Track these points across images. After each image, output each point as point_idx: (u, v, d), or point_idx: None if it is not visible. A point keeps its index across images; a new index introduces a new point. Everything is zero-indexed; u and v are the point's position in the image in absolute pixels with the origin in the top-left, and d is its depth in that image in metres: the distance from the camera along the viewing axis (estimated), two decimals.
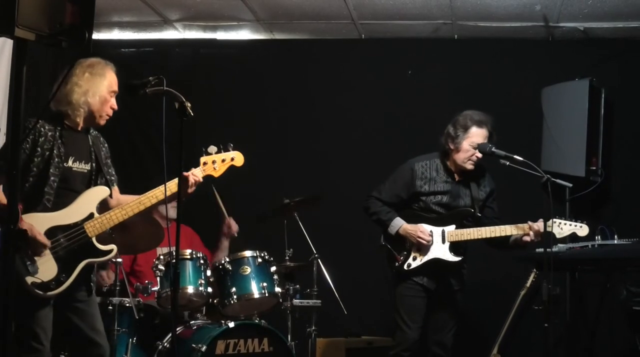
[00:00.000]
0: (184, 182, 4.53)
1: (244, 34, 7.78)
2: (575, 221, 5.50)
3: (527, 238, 5.49)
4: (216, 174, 4.81)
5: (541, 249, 5.34)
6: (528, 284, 6.50)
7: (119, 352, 5.46)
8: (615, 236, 5.73)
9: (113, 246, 4.51)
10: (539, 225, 5.41)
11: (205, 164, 4.75)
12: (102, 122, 4.61)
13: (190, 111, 4.00)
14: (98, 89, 4.49)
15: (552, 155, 6.78)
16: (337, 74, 7.66)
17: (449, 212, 5.62)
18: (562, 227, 5.44)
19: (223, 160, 4.81)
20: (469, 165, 5.60)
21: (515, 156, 5.36)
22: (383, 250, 5.73)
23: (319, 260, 6.09)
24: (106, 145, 4.77)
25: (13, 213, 3.01)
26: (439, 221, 5.60)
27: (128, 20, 7.51)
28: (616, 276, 6.44)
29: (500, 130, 6.73)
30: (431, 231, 5.56)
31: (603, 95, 6.82)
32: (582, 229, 5.48)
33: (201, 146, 4.78)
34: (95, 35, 3.19)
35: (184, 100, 4.01)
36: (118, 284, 5.46)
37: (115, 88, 4.55)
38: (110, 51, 7.32)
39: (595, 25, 7.09)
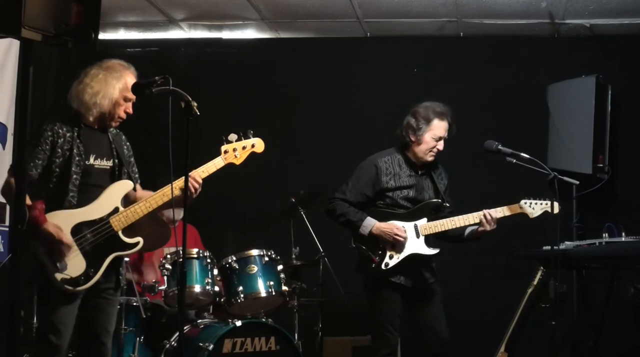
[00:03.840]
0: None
1: (249, 33, 7.79)
2: (544, 200, 5.44)
3: (482, 228, 5.39)
4: (237, 162, 4.77)
5: (548, 247, 5.33)
6: (535, 282, 6.50)
7: (127, 351, 5.48)
8: (623, 233, 5.72)
9: (139, 239, 4.53)
10: (493, 212, 5.37)
11: (226, 152, 4.72)
12: (114, 124, 4.62)
13: (197, 110, 4.00)
14: (109, 91, 4.48)
15: (559, 153, 6.77)
16: (343, 73, 7.66)
17: (417, 207, 5.49)
18: (534, 207, 5.39)
19: (244, 148, 4.78)
20: (429, 158, 5.52)
21: (522, 154, 5.32)
22: (356, 252, 5.53)
23: (325, 258, 6.09)
24: (128, 143, 4.79)
25: (20, 213, 3.02)
26: (408, 216, 5.47)
27: (133, 20, 7.52)
28: (623, 273, 6.44)
29: (506, 128, 6.76)
30: (403, 227, 5.44)
31: (609, 92, 6.80)
32: (554, 207, 5.42)
33: (206, 144, 4.77)
34: (101, 35, 3.20)
35: (190, 99, 4.01)
36: (125, 283, 5.47)
37: (130, 93, 4.49)
38: (116, 51, 7.31)
39: (601, 22, 7.08)
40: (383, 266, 5.40)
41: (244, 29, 7.69)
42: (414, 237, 5.44)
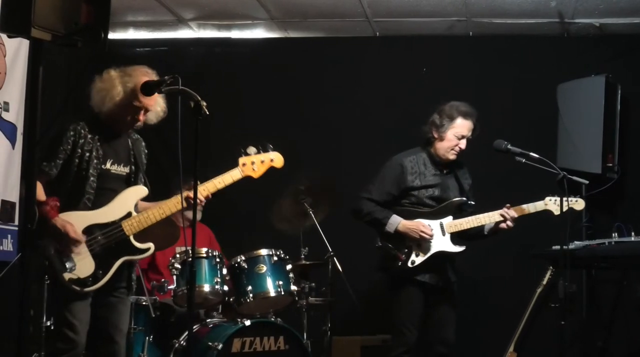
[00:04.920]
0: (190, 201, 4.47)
1: (259, 33, 7.79)
2: (570, 196, 5.44)
3: (503, 225, 5.47)
4: (255, 175, 4.78)
5: (558, 247, 5.32)
6: (544, 282, 6.48)
7: (136, 350, 5.48)
8: (632, 233, 5.71)
9: (150, 244, 4.55)
10: (517, 209, 5.43)
11: (244, 165, 4.72)
12: (124, 130, 4.59)
13: (206, 110, 4.00)
14: (112, 93, 4.45)
15: (568, 152, 6.76)
16: (352, 72, 7.65)
17: (442, 205, 5.53)
18: (559, 204, 5.40)
19: (262, 161, 4.78)
20: (451, 156, 5.56)
21: (531, 153, 5.32)
22: (381, 252, 5.58)
23: (334, 258, 6.08)
24: (146, 151, 4.78)
25: (30, 213, 3.02)
26: (434, 214, 5.52)
27: (143, 20, 7.53)
28: (633, 273, 6.42)
29: (515, 127, 6.74)
30: (429, 225, 5.48)
31: (619, 92, 6.79)
32: (578, 203, 5.45)
33: (213, 145, 4.77)
34: (110, 35, 3.20)
35: (199, 99, 4.00)
36: (135, 282, 5.48)
37: (137, 100, 4.46)
38: (125, 51, 7.36)
39: (610, 21, 7.06)
40: (409, 264, 5.46)
41: (253, 28, 7.69)
42: (440, 235, 5.49)
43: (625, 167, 6.84)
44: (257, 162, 4.75)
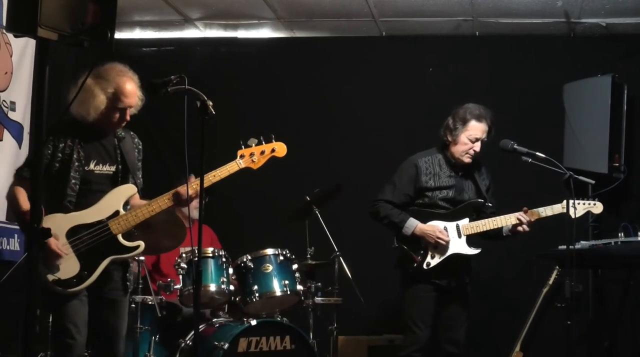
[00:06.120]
0: (179, 196, 4.45)
1: (265, 33, 7.79)
2: (589, 200, 5.44)
3: (519, 228, 5.45)
4: (255, 166, 4.68)
5: (564, 246, 5.31)
6: (550, 282, 6.48)
7: (142, 350, 5.49)
8: (639, 233, 5.70)
9: (140, 242, 4.46)
10: (535, 212, 5.41)
11: (242, 156, 4.64)
12: (110, 131, 4.51)
13: (212, 110, 4.00)
14: (93, 102, 4.35)
15: (575, 152, 6.75)
16: (358, 72, 7.65)
17: (459, 207, 5.52)
18: (577, 207, 5.35)
19: (262, 152, 4.69)
20: (466, 159, 5.53)
21: (538, 153, 5.31)
22: (397, 252, 5.59)
23: (340, 258, 6.09)
24: (140, 147, 4.69)
25: (37, 212, 3.03)
26: (450, 215, 5.51)
27: (149, 20, 7.54)
28: (639, 272, 6.41)
29: (522, 127, 6.73)
30: (445, 227, 5.48)
31: (625, 92, 6.78)
32: (597, 207, 5.42)
33: (219, 144, 4.76)
34: (117, 35, 3.20)
35: (206, 98, 4.00)
36: (141, 282, 5.48)
37: (121, 102, 4.39)
38: (132, 50, 7.37)
39: (617, 21, 7.05)
40: (425, 266, 5.46)
41: (260, 28, 7.69)
42: (455, 237, 5.48)
43: (632, 167, 6.83)
44: (257, 153, 4.68)
